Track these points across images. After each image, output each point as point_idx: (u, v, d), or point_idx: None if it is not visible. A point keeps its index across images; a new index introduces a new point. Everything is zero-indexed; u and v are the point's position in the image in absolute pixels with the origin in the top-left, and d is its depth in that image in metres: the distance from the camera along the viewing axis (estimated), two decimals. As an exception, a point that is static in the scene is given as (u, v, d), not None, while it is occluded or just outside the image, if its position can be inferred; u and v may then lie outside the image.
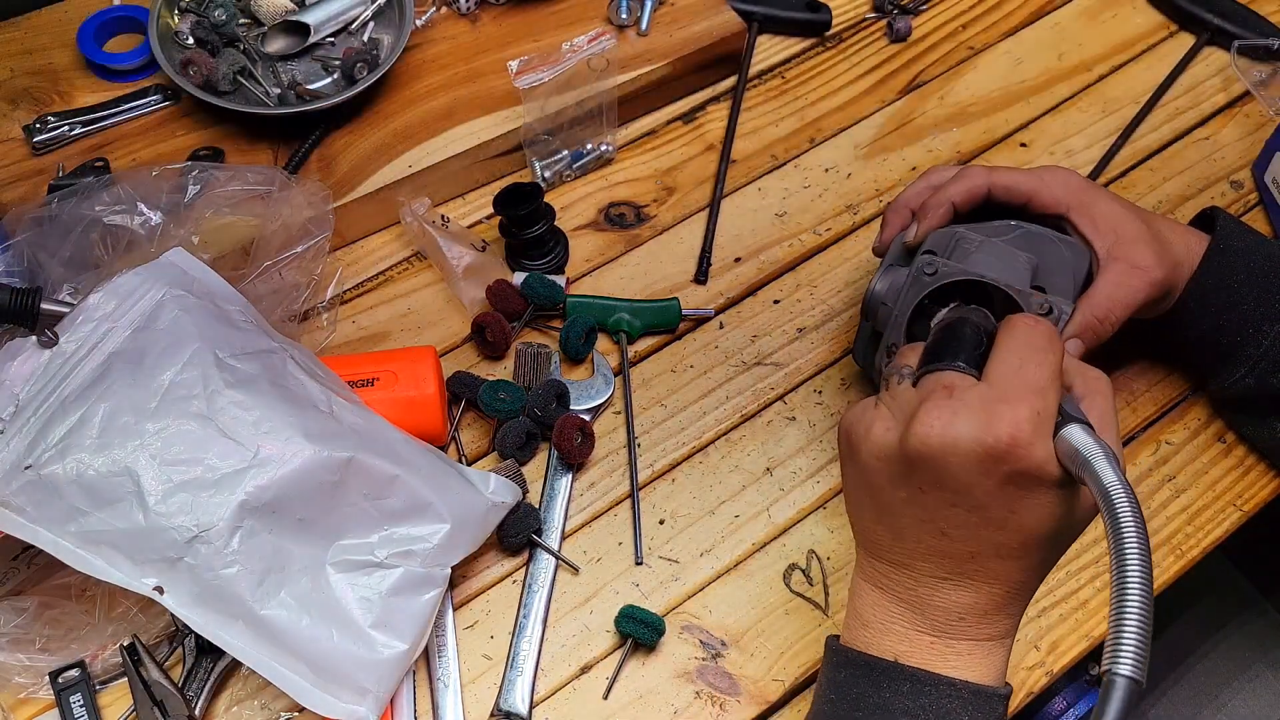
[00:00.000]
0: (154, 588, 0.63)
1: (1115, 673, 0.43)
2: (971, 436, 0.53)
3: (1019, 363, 0.55)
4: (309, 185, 0.86)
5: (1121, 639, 0.43)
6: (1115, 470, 0.50)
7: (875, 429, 0.57)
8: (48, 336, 0.68)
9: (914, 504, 0.56)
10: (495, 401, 0.81)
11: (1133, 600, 0.44)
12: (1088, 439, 0.52)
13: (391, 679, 0.68)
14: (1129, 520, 0.47)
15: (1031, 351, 0.56)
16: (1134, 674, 0.43)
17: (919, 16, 1.10)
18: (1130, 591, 0.44)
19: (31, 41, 0.98)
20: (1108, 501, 0.48)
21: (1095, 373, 0.59)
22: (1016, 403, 0.53)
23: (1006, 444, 0.52)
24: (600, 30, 0.92)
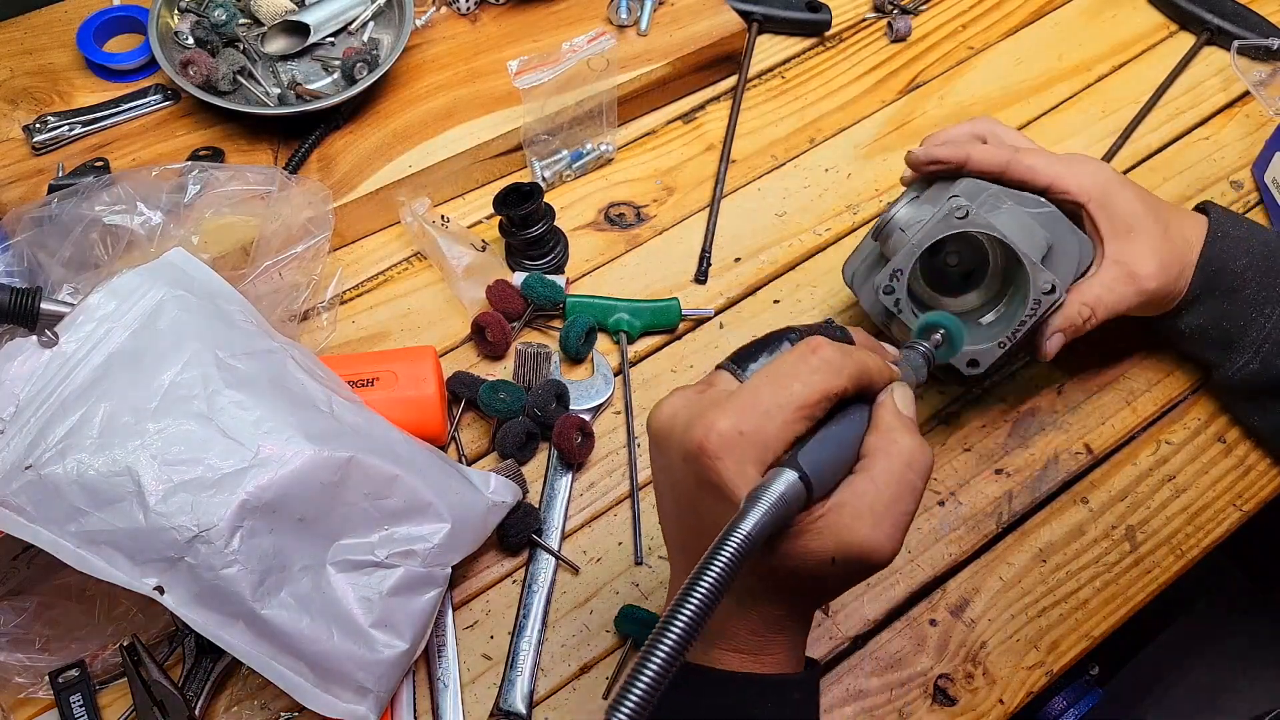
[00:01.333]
0: (154, 588, 0.63)
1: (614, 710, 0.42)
2: (681, 427, 0.52)
3: (763, 380, 0.53)
4: (309, 185, 0.86)
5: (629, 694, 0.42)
6: (752, 524, 0.46)
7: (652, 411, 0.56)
8: (48, 337, 0.68)
9: (656, 482, 0.58)
10: (495, 401, 0.81)
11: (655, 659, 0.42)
12: (774, 490, 0.48)
13: (392, 679, 0.68)
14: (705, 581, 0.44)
15: (783, 374, 0.52)
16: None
17: (919, 16, 1.10)
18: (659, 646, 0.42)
19: (31, 41, 0.98)
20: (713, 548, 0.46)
21: (903, 443, 0.53)
22: (727, 414, 0.51)
23: (696, 448, 0.51)
24: (600, 30, 0.92)
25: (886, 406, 0.55)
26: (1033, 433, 0.85)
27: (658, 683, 0.42)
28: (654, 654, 0.42)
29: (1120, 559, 0.80)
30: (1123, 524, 0.81)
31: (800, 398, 0.51)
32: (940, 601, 0.78)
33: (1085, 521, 0.81)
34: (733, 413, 0.51)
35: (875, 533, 0.51)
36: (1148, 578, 0.79)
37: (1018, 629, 0.77)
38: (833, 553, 0.51)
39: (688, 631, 0.43)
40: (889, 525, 0.51)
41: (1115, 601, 0.78)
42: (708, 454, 0.51)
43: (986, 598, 0.78)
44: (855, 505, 0.51)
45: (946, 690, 0.74)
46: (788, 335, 0.58)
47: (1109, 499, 0.82)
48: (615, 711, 0.41)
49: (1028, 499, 0.82)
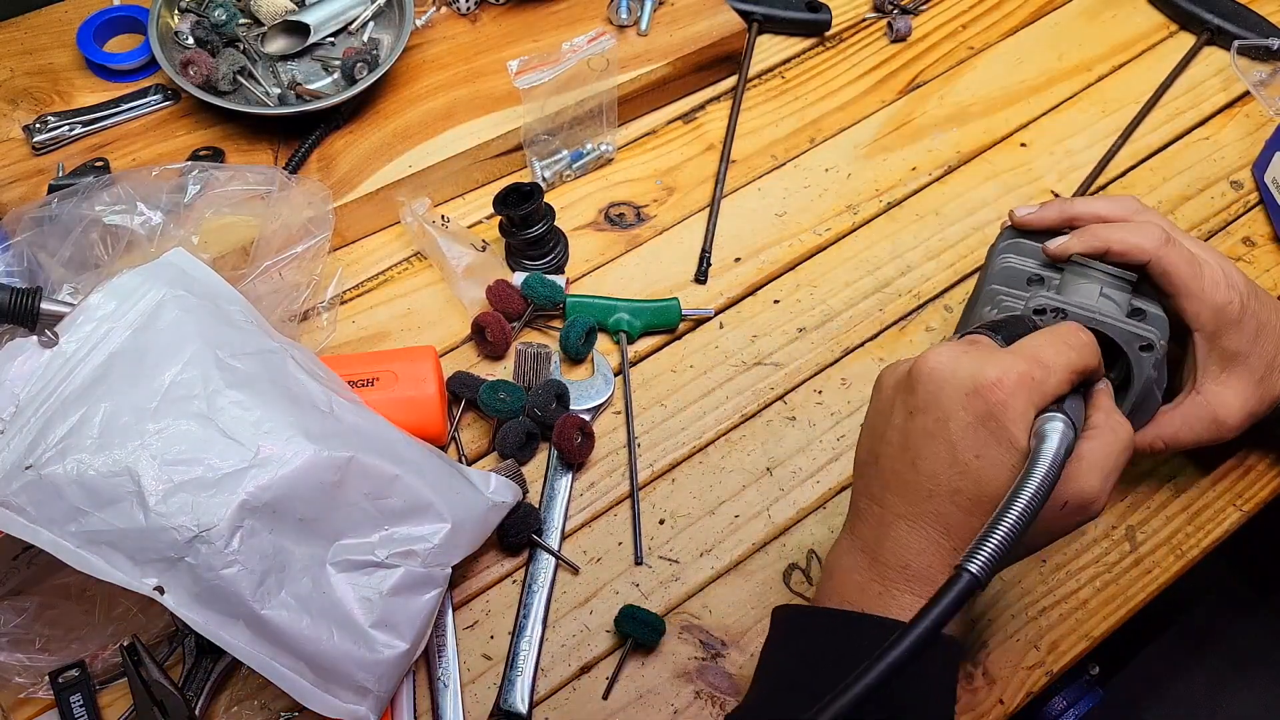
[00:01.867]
0: (154, 588, 0.63)
1: (964, 567, 0.50)
2: (966, 371, 0.59)
3: (1041, 342, 0.61)
4: (309, 185, 0.86)
5: (982, 545, 0.51)
6: (1058, 449, 0.55)
7: (902, 363, 0.63)
8: (48, 337, 0.68)
9: (903, 430, 0.61)
10: (495, 401, 0.81)
11: (1005, 523, 0.52)
12: (1059, 425, 0.56)
13: (392, 679, 0.68)
14: (1035, 478, 0.54)
15: (1058, 340, 0.61)
16: (979, 572, 0.50)
17: (919, 16, 1.10)
18: (1004, 518, 0.52)
19: (31, 41, 0.98)
20: (1031, 461, 0.55)
21: (1121, 421, 0.62)
22: (1015, 359, 0.59)
23: (989, 384, 0.58)
24: (600, 30, 0.92)
25: (1105, 394, 0.64)
26: (1033, 433, 0.85)
27: (1012, 538, 0.51)
28: (1007, 514, 0.52)
29: (1120, 559, 0.80)
30: (1123, 524, 0.81)
31: (1075, 363, 0.60)
32: (940, 601, 0.78)
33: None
34: (1026, 360, 0.59)
35: (1103, 486, 0.60)
36: (1148, 578, 0.79)
37: (1017, 629, 0.77)
38: (1068, 496, 0.59)
39: (1034, 501, 0.53)
40: (1108, 484, 0.60)
41: (1115, 601, 0.78)
42: (1003, 388, 0.58)
43: (986, 598, 0.78)
44: (1090, 460, 0.59)
45: (946, 690, 0.74)
46: (1025, 319, 0.67)
47: (1109, 499, 0.82)
48: (970, 560, 0.50)
49: (1028, 499, 0.82)
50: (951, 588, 0.50)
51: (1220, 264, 0.73)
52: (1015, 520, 0.52)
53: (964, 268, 0.94)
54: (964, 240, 0.95)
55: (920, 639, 0.49)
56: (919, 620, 0.49)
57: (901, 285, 0.93)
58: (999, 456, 0.57)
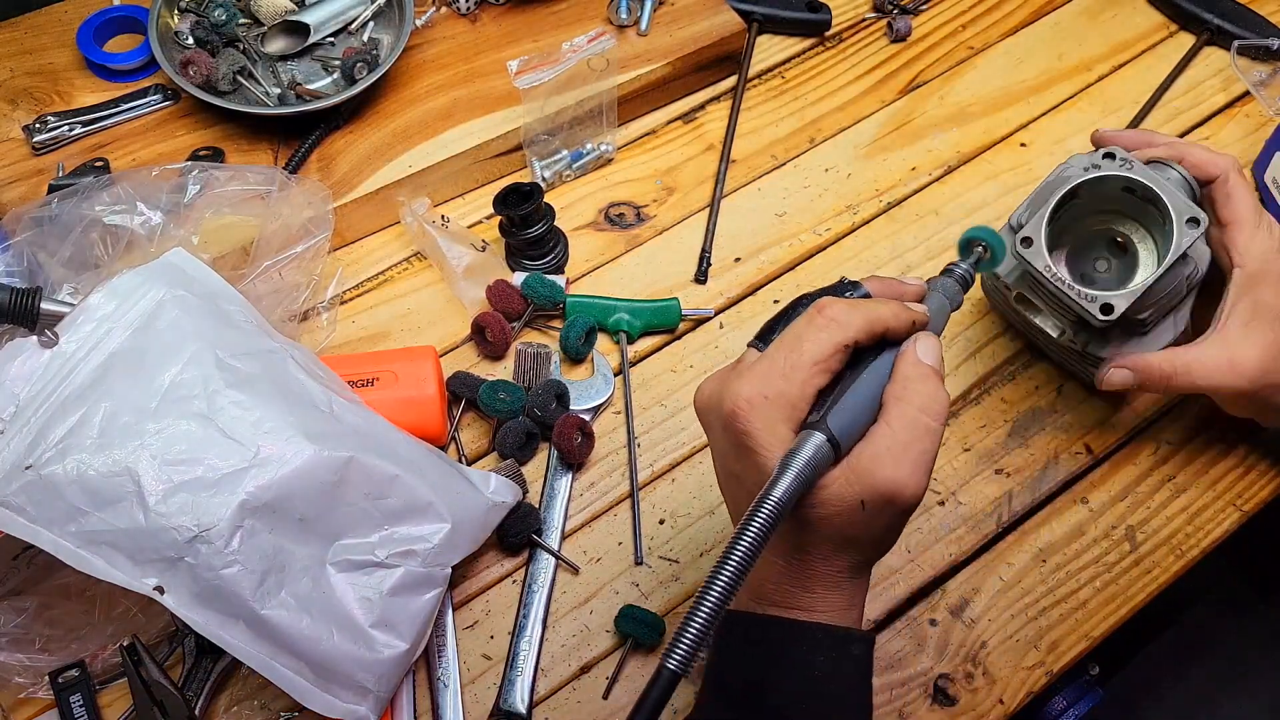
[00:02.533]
0: (154, 588, 0.63)
1: (664, 664, 0.48)
2: (716, 398, 0.57)
3: (779, 345, 0.57)
4: (309, 185, 0.86)
5: (680, 639, 0.48)
6: (782, 490, 0.51)
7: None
8: (48, 336, 0.68)
9: (715, 464, 0.61)
10: (495, 401, 0.81)
11: (698, 618, 0.48)
12: (803, 454, 0.53)
13: (392, 679, 0.68)
14: (744, 540, 0.49)
15: (791, 339, 0.56)
16: (677, 667, 0.48)
17: (919, 16, 1.10)
18: (698, 611, 0.48)
19: (31, 41, 0.98)
20: (749, 512, 0.51)
21: (919, 386, 0.56)
22: (749, 381, 0.56)
23: (729, 415, 0.56)
24: (600, 30, 0.92)
25: (906, 356, 0.58)
26: (1033, 433, 0.85)
27: (706, 628, 0.47)
28: (703, 602, 0.48)
29: (1120, 559, 0.80)
30: (1123, 524, 0.81)
31: (812, 355, 0.55)
32: (940, 601, 0.78)
33: (1085, 521, 0.81)
34: (754, 379, 0.56)
35: (896, 471, 0.54)
36: (1148, 578, 0.79)
37: (1018, 629, 0.77)
38: (859, 495, 0.55)
39: (732, 580, 0.48)
40: (908, 464, 0.55)
41: (1115, 601, 0.78)
42: (739, 418, 0.55)
43: (986, 598, 0.78)
44: (873, 449, 0.55)
45: (946, 690, 0.74)
46: (801, 302, 0.61)
47: (1109, 499, 0.82)
48: (669, 656, 0.47)
49: (1028, 499, 0.82)
50: (655, 684, 0.48)
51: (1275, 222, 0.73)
52: (710, 610, 0.48)
53: (964, 268, 0.94)
54: (964, 240, 0.95)
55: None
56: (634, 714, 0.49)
57: (901, 285, 0.93)
58: (761, 480, 0.54)
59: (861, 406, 0.56)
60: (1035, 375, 0.88)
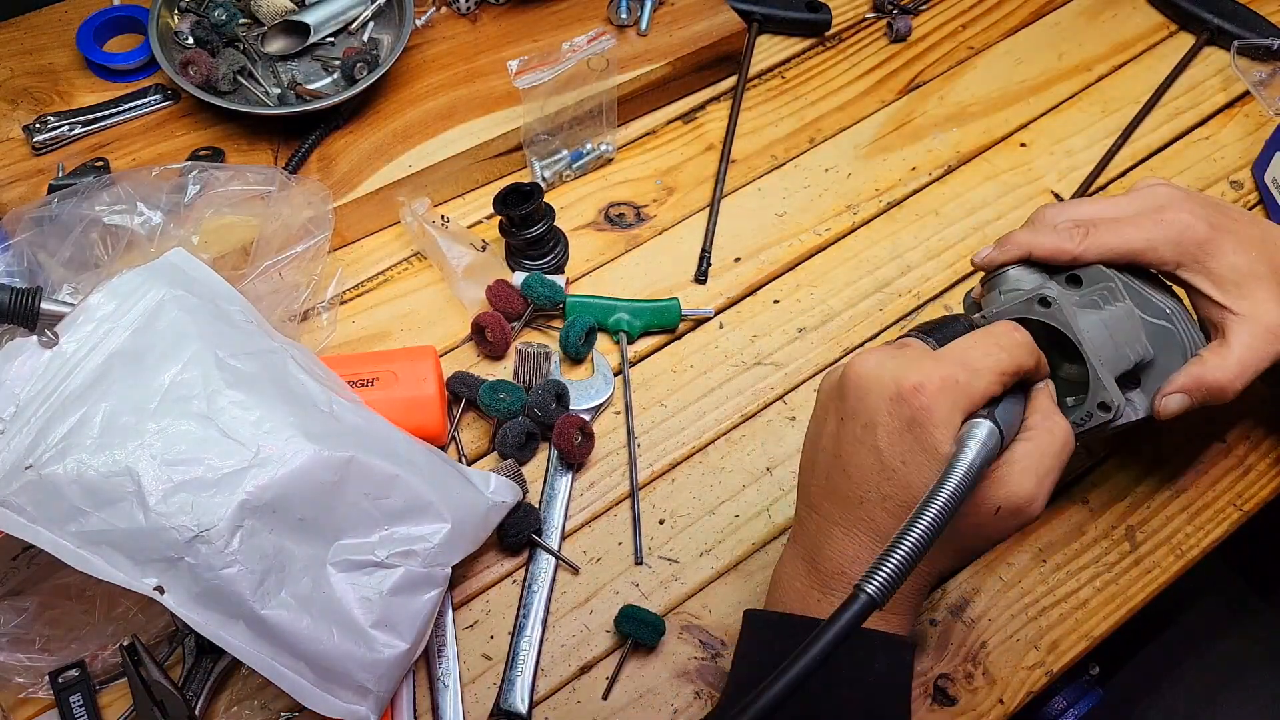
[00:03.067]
0: (154, 587, 0.63)
1: (861, 587, 0.48)
2: (890, 375, 0.58)
3: (970, 344, 0.60)
4: (309, 185, 0.86)
5: (881, 565, 0.49)
6: (974, 458, 0.54)
7: (837, 369, 0.63)
8: (48, 336, 0.68)
9: (835, 437, 0.61)
10: (495, 401, 0.81)
11: (905, 543, 0.49)
12: (980, 433, 0.55)
13: (392, 679, 0.68)
14: (942, 495, 0.52)
15: (988, 340, 0.60)
16: (876, 594, 0.48)
17: (919, 16, 1.10)
18: (906, 538, 0.49)
19: (31, 41, 0.98)
20: (945, 473, 0.53)
21: (1059, 421, 0.61)
22: (939, 363, 0.58)
23: (911, 388, 0.57)
24: (600, 30, 0.92)
25: (1045, 394, 0.63)
26: (1033, 433, 0.85)
27: (910, 560, 0.49)
28: (907, 536, 0.49)
29: (1120, 559, 0.80)
30: (1123, 524, 0.81)
31: (1004, 364, 0.59)
32: (940, 601, 0.78)
33: (1085, 521, 0.81)
34: (949, 364, 0.58)
35: (1037, 490, 0.59)
36: (1148, 578, 0.79)
37: (1018, 629, 0.77)
38: (1000, 502, 0.58)
39: (937, 521, 0.50)
40: (1043, 486, 0.59)
41: (1115, 601, 0.78)
42: (926, 393, 0.57)
43: (986, 598, 0.78)
44: (1024, 464, 0.59)
45: (946, 690, 0.74)
46: (961, 320, 0.65)
47: (1109, 499, 0.82)
48: (868, 581, 0.48)
49: (1028, 499, 0.82)
50: (848, 608, 0.48)
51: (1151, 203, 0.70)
52: (916, 540, 0.49)
53: (963, 268, 0.94)
54: (964, 240, 0.95)
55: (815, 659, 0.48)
56: (814, 641, 0.48)
57: (901, 285, 0.93)
58: (924, 462, 0.57)
59: (1010, 422, 0.60)
60: (1035, 375, 0.88)
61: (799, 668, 0.47)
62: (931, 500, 0.51)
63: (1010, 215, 0.97)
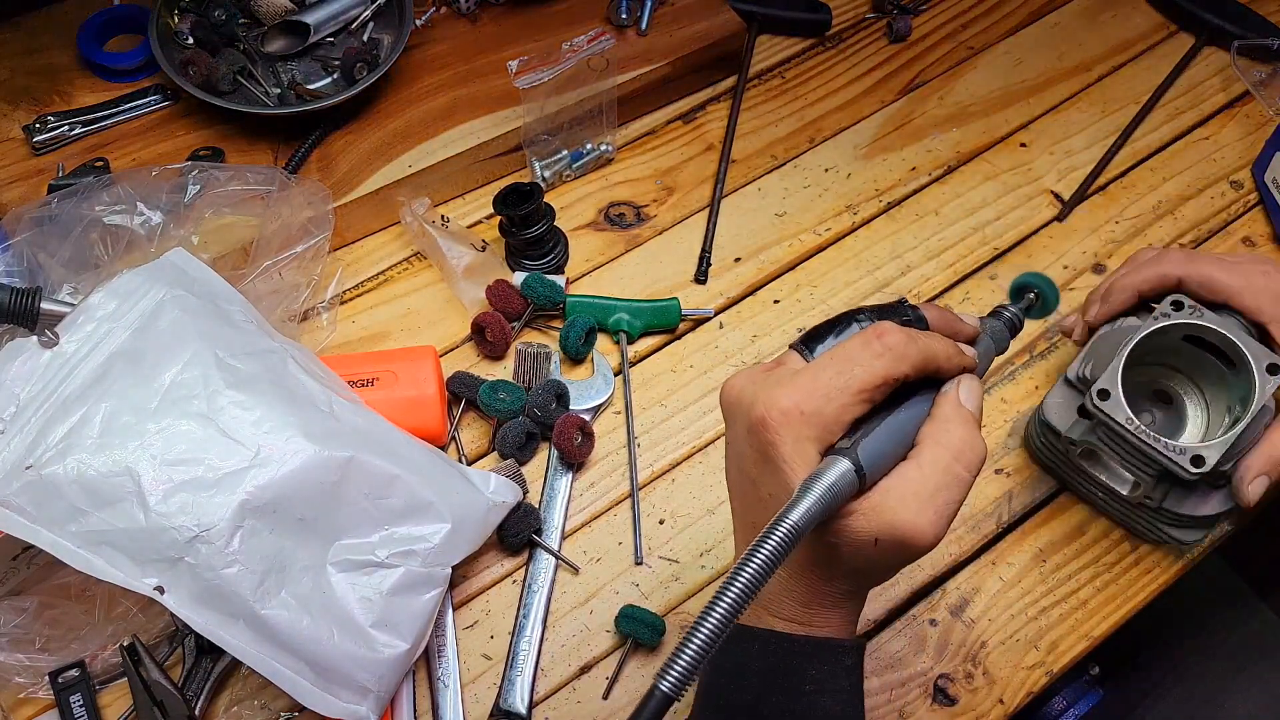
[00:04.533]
0: (155, 587, 0.63)
1: (657, 685, 0.44)
2: (748, 400, 0.54)
3: (826, 362, 0.54)
4: (309, 185, 0.86)
5: (675, 661, 0.44)
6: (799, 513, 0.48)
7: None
8: (48, 336, 0.68)
9: (727, 453, 0.58)
10: (495, 401, 0.81)
11: (697, 639, 0.45)
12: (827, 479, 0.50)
13: (392, 678, 0.68)
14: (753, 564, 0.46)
15: (843, 355, 0.54)
16: (670, 690, 0.44)
17: (919, 16, 1.10)
18: (697, 632, 0.45)
19: (31, 41, 0.98)
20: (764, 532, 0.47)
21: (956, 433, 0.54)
22: (789, 392, 0.53)
23: (758, 422, 0.53)
24: (600, 30, 0.92)
25: (948, 397, 0.56)
26: (1033, 433, 0.85)
27: (703, 653, 0.44)
28: (702, 626, 0.45)
29: (1120, 559, 0.80)
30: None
31: (860, 381, 0.53)
32: (940, 601, 0.78)
33: (1085, 521, 0.81)
34: (795, 391, 0.53)
35: (917, 518, 0.52)
36: (1148, 578, 0.79)
37: (1018, 629, 0.77)
38: (875, 534, 0.53)
39: (734, 608, 0.45)
40: (931, 512, 0.52)
41: (1115, 601, 0.78)
42: (769, 429, 0.52)
43: (986, 598, 0.78)
44: (900, 490, 0.53)
45: (946, 690, 0.74)
46: (856, 316, 0.59)
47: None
48: (662, 678, 0.44)
49: (1028, 499, 0.82)
50: (647, 704, 0.44)
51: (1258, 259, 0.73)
52: (708, 636, 0.45)
53: (963, 268, 0.94)
54: (964, 240, 0.95)
55: None
56: None
57: (901, 285, 0.93)
58: (780, 495, 0.52)
59: (895, 440, 0.54)
60: (1035, 375, 0.88)
61: None
62: (727, 588, 0.46)
63: (1010, 215, 0.97)
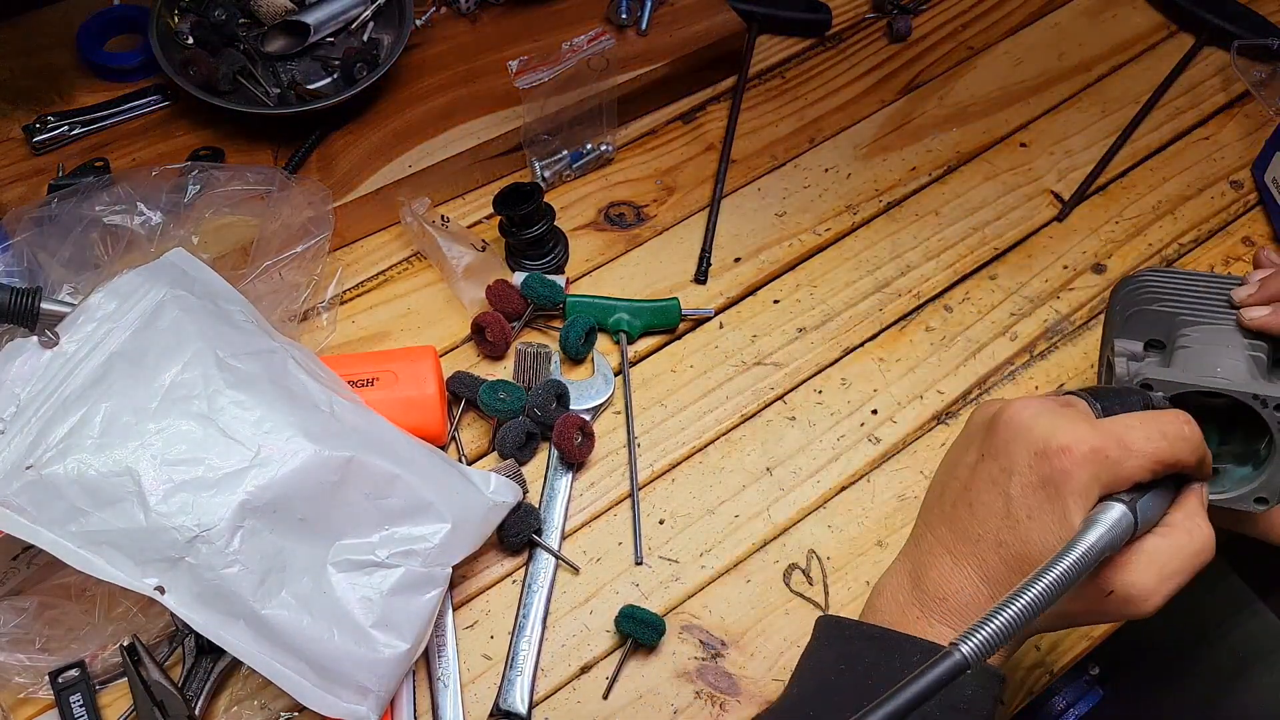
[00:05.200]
0: (155, 587, 0.63)
1: (956, 646, 0.46)
2: (1043, 429, 0.57)
3: (1135, 423, 0.57)
4: (309, 185, 0.86)
5: (982, 627, 0.47)
6: (1097, 540, 0.52)
7: (994, 403, 0.61)
8: (48, 337, 0.68)
9: (971, 469, 0.60)
10: (495, 401, 0.81)
11: (1010, 610, 0.48)
12: (1113, 515, 0.53)
13: (392, 678, 0.68)
14: (1057, 569, 0.50)
15: (1153, 425, 0.57)
16: (970, 655, 0.46)
17: (919, 16, 1.10)
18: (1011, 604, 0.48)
19: (31, 41, 0.98)
20: (1066, 547, 0.51)
21: (1201, 526, 0.58)
22: (1094, 432, 0.56)
23: (1057, 448, 0.55)
24: (600, 30, 0.92)
25: (1197, 494, 0.60)
26: (1033, 433, 0.85)
27: (1003, 634, 0.47)
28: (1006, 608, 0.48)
29: (1120, 559, 0.80)
30: (1123, 524, 0.81)
31: (1162, 453, 0.56)
32: (940, 601, 0.78)
33: (1085, 521, 0.81)
34: (1104, 437, 0.56)
35: (1158, 586, 0.56)
36: (1148, 578, 0.79)
37: (1018, 629, 0.77)
38: (1114, 587, 0.56)
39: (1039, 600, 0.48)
40: (1165, 586, 0.56)
41: (1115, 601, 0.78)
42: (1070, 458, 0.55)
43: (986, 598, 0.78)
44: (1150, 556, 0.56)
45: (946, 690, 0.74)
46: (1145, 394, 0.64)
47: (1109, 499, 0.82)
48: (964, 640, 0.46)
49: (1028, 499, 0.82)
50: (938, 665, 0.46)
51: None
52: (1021, 609, 0.48)
53: (963, 268, 0.94)
54: (964, 240, 0.95)
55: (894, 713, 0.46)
56: (896, 694, 0.46)
57: (901, 285, 0.93)
58: (1049, 524, 0.56)
59: (1155, 513, 0.57)
60: (1035, 375, 0.88)
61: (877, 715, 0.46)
62: (1044, 573, 0.50)
63: (1010, 215, 0.97)
